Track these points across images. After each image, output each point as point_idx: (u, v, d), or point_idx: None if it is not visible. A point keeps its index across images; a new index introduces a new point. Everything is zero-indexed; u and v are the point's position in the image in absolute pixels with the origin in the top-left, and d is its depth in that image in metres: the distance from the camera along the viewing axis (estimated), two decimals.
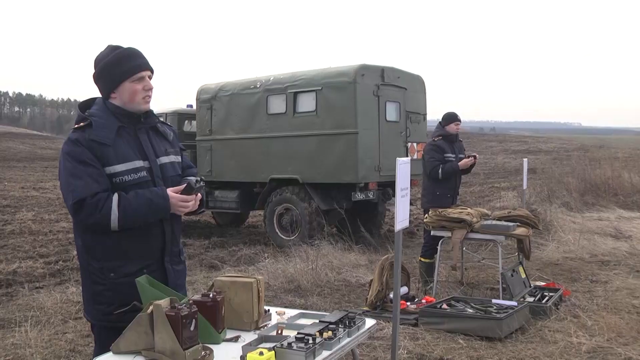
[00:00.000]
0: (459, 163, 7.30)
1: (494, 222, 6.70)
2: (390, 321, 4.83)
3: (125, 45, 2.82)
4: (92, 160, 2.63)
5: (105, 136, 2.67)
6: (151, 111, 2.88)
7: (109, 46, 2.82)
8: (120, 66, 2.73)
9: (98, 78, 2.80)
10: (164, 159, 2.86)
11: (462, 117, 7.72)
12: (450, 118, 7.53)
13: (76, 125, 2.72)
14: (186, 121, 13.37)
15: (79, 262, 2.83)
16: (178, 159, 2.97)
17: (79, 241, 2.78)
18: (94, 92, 2.88)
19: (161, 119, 3.03)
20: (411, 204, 8.15)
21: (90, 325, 2.91)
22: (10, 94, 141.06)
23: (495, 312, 5.51)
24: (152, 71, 2.82)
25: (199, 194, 2.83)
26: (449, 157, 7.36)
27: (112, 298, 2.69)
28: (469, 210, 6.87)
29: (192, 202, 2.76)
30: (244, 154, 11.44)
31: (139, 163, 2.73)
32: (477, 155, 7.51)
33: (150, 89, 2.80)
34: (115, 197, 2.61)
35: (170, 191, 2.73)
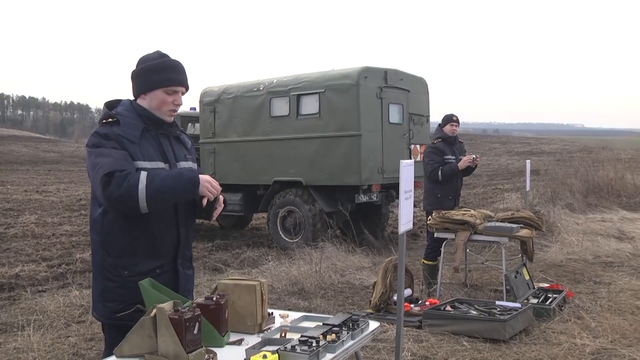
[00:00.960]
0: (459, 164, 7.28)
1: (498, 223, 6.69)
2: (394, 323, 4.83)
3: (172, 56, 2.89)
4: (119, 149, 2.68)
5: (132, 134, 2.74)
6: (175, 122, 2.96)
7: (157, 51, 2.91)
8: (161, 74, 2.80)
9: (136, 76, 2.86)
10: (183, 164, 2.92)
11: (465, 119, 7.75)
12: (446, 119, 7.52)
13: (104, 121, 2.77)
14: (189, 124, 13.38)
15: (92, 258, 2.84)
16: (195, 166, 3.03)
17: (95, 236, 2.79)
18: (99, 95, 2.91)
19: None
20: (415, 206, 8.14)
21: (102, 324, 2.93)
22: (14, 97, 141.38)
23: (499, 314, 5.49)
24: (187, 89, 2.90)
25: (221, 197, 2.88)
26: (449, 159, 7.34)
27: (123, 295, 2.71)
28: (472, 212, 6.86)
29: (218, 190, 2.75)
30: (247, 156, 11.45)
31: (160, 164, 2.78)
32: (477, 157, 7.43)
33: (179, 104, 2.88)
34: (145, 171, 2.62)
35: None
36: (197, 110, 12.66)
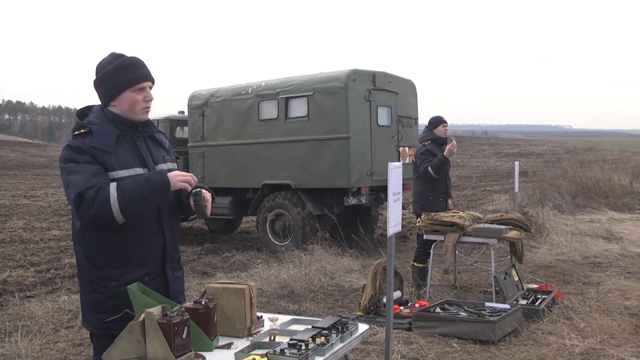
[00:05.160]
0: (444, 152, 7.22)
1: (486, 225, 6.71)
2: (384, 326, 4.83)
3: (127, 54, 2.84)
4: (92, 162, 2.64)
5: (106, 144, 2.69)
6: (149, 120, 2.91)
7: (112, 54, 2.85)
8: (122, 75, 2.75)
9: (99, 85, 2.80)
10: (162, 166, 2.88)
11: (454, 121, 7.80)
12: (437, 121, 7.53)
13: (76, 132, 2.72)
14: (178, 128, 13.34)
15: (78, 270, 2.80)
16: (174, 166, 2.99)
17: (79, 249, 2.75)
18: (86, 99, 2.90)
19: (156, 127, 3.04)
20: (404, 208, 8.16)
21: (90, 333, 2.90)
22: (1, 102, 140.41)
23: (489, 315, 5.51)
24: (153, 82, 2.85)
25: (203, 190, 2.81)
26: None
27: (113, 306, 2.67)
28: (461, 213, 6.88)
29: (191, 176, 2.74)
30: (236, 159, 11.43)
31: (139, 170, 2.75)
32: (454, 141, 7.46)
33: (150, 99, 2.83)
34: (114, 183, 2.60)
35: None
36: (186, 114, 12.62)
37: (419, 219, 7.02)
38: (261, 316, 3.07)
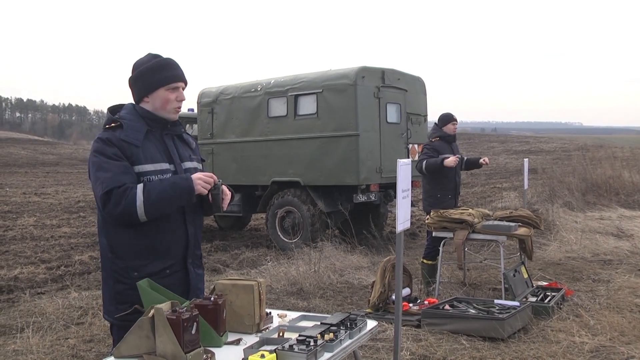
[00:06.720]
0: (445, 161, 7.09)
1: (496, 222, 6.69)
2: (393, 323, 4.83)
3: (163, 55, 2.93)
4: (121, 157, 2.72)
5: (135, 137, 2.78)
6: (178, 121, 2.99)
7: (149, 54, 2.95)
8: (159, 73, 2.85)
9: (135, 81, 2.90)
10: (188, 164, 2.95)
11: (463, 118, 7.83)
12: (447, 119, 7.50)
13: (107, 126, 2.81)
14: (187, 125, 13.38)
15: (102, 261, 2.88)
16: (200, 166, 3.06)
17: (103, 240, 2.83)
18: (95, 97, 2.94)
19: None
20: (413, 205, 8.17)
21: (110, 325, 2.96)
22: (12, 100, 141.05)
23: (498, 313, 5.50)
24: (186, 83, 2.94)
25: (224, 186, 2.89)
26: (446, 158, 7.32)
27: (134, 297, 2.71)
28: (470, 210, 6.86)
29: (212, 179, 2.80)
30: (246, 157, 11.46)
31: (165, 165, 2.83)
32: (485, 160, 7.51)
33: (182, 100, 2.92)
34: (141, 185, 2.69)
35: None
36: (195, 111, 12.65)
37: (428, 216, 7.01)
38: (270, 312, 3.08)
